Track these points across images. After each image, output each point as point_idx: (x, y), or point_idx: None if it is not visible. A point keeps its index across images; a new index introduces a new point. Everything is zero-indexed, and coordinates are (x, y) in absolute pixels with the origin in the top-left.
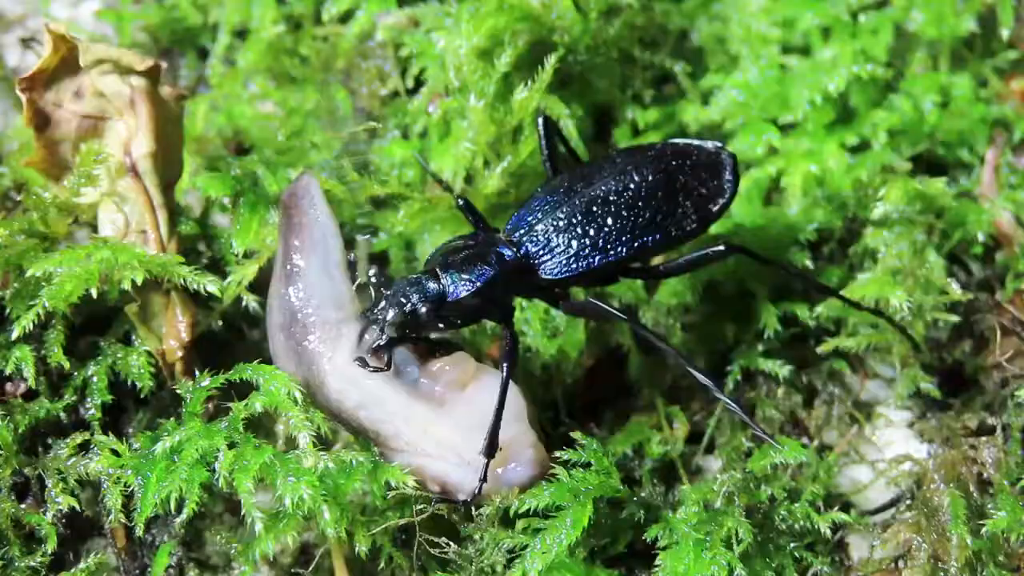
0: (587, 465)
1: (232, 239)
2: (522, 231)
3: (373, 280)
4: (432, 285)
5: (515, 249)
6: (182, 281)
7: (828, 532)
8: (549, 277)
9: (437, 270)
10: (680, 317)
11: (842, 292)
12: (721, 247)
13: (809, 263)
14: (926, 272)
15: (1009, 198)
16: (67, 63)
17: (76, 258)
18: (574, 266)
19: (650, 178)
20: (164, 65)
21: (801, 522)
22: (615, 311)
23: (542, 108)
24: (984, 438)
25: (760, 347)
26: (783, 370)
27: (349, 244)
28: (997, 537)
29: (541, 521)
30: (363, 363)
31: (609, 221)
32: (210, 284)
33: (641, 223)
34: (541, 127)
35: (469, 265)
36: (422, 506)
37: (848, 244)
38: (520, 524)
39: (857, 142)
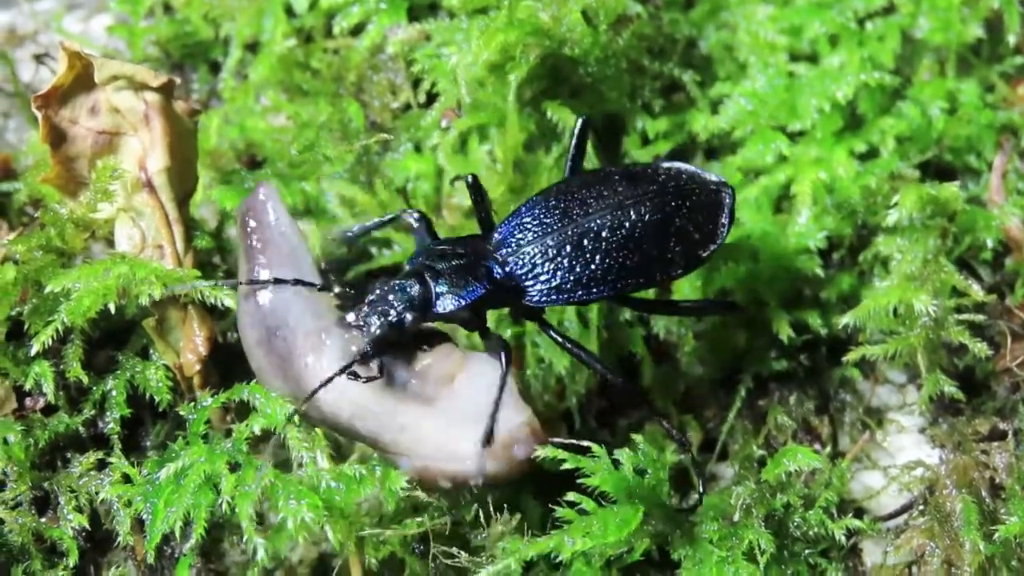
0: (644, 472)
1: None
2: (510, 249)
3: (344, 287)
4: (418, 292)
5: (502, 267)
6: (199, 295)
7: (842, 538)
8: (529, 304)
9: (425, 276)
10: (692, 325)
11: (864, 298)
12: (729, 302)
13: (819, 270)
14: (945, 276)
15: (1017, 203)
16: (82, 80)
17: (94, 273)
18: (555, 298)
19: (646, 218)
20: (178, 81)
21: (816, 529)
22: (599, 367)
23: (585, 116)
24: (996, 443)
25: (772, 354)
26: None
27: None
28: (1010, 542)
29: (592, 505)
30: (355, 375)
31: (597, 259)
32: (227, 298)
33: (629, 265)
34: (578, 128)
35: (460, 278)
36: (439, 520)
37: (858, 251)
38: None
39: (866, 149)
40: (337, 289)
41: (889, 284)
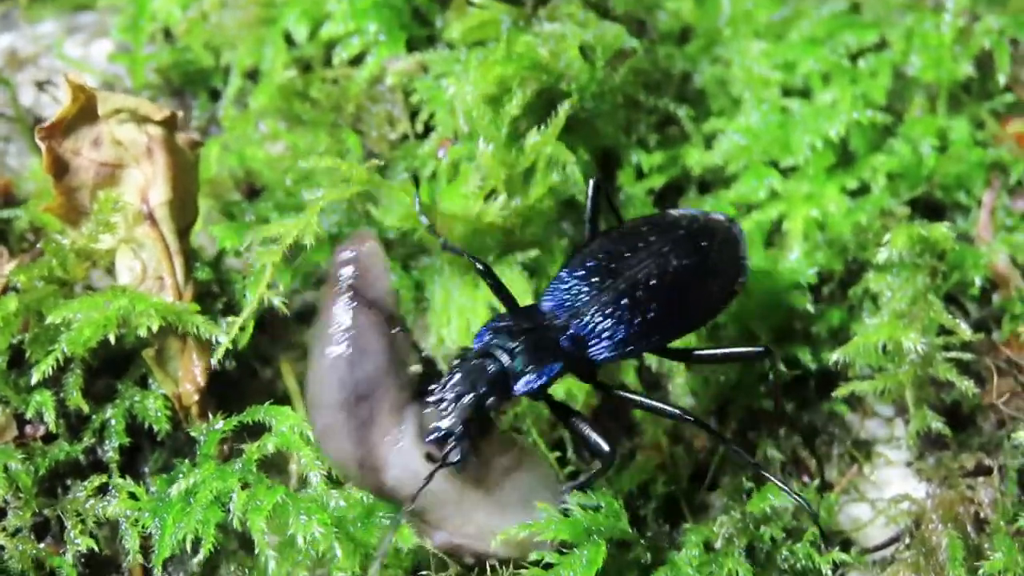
0: (597, 508)
1: (246, 290)
2: (569, 314)
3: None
4: (496, 373)
5: (566, 333)
6: (195, 330)
7: (829, 571)
8: (595, 359)
9: (499, 356)
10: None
11: (854, 335)
12: (760, 349)
13: (810, 306)
14: (933, 315)
15: (1005, 241)
16: (85, 112)
17: (95, 305)
18: (618, 352)
19: (685, 262)
20: (180, 114)
21: (803, 561)
22: (678, 412)
23: (597, 178)
24: (981, 478)
25: (762, 388)
26: (786, 409)
27: None
28: None
29: (556, 556)
30: (432, 460)
31: (653, 307)
32: (221, 336)
33: (679, 308)
34: (591, 190)
35: (535, 356)
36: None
37: (848, 286)
38: (533, 555)
39: (857, 186)
40: (419, 364)
41: (879, 321)
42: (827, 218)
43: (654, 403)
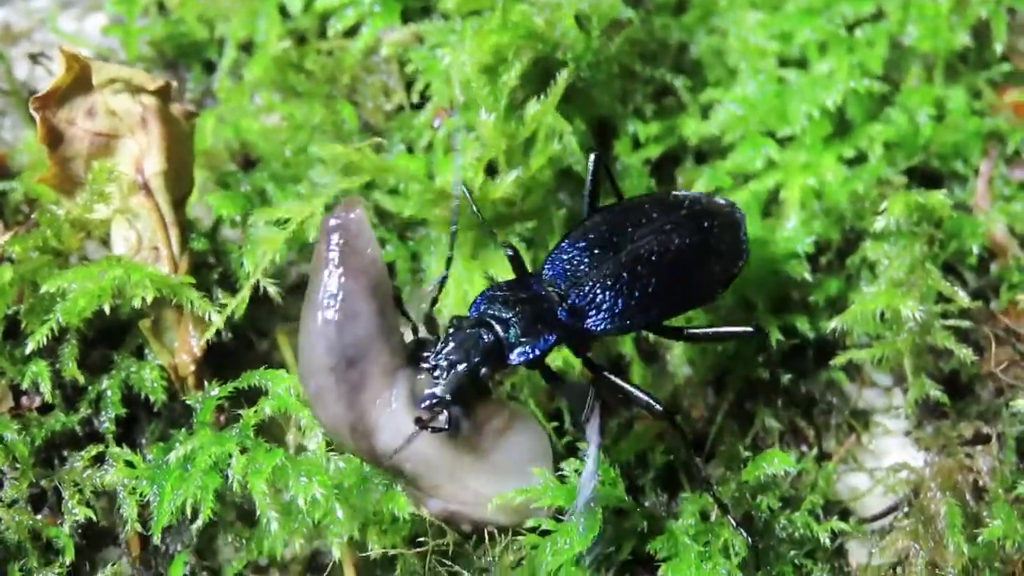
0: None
1: (243, 258)
2: (568, 283)
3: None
4: (490, 343)
5: (565, 304)
6: (190, 305)
7: (827, 540)
8: (593, 331)
9: (494, 325)
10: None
11: (852, 303)
12: (751, 328)
13: (807, 275)
14: (931, 282)
15: (1003, 210)
16: (80, 82)
17: (89, 275)
18: (616, 324)
19: (687, 240)
20: (175, 84)
21: (801, 530)
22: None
23: (598, 153)
24: (979, 447)
25: (760, 357)
26: (783, 378)
27: None
28: (993, 544)
29: (552, 523)
30: (423, 425)
31: (653, 282)
32: (213, 313)
33: (679, 285)
34: (592, 164)
35: (531, 326)
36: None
37: (846, 255)
38: (530, 521)
39: (854, 155)
40: (412, 329)
41: (876, 289)
42: (824, 187)
43: (632, 390)
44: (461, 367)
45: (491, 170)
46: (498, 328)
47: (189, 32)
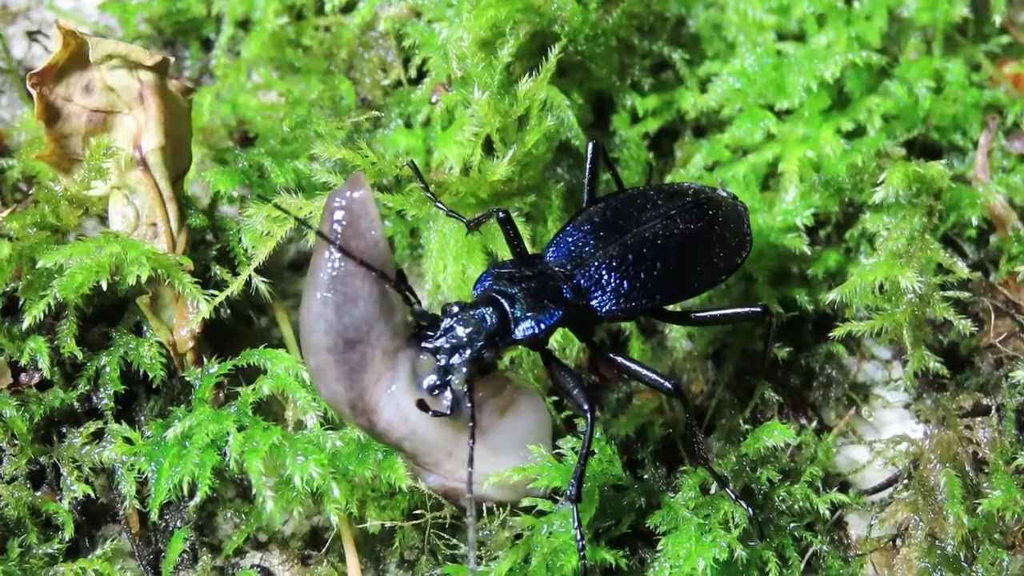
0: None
1: (241, 234)
2: (574, 264)
3: (417, 308)
4: (496, 320)
5: (570, 283)
6: (183, 289)
7: (827, 512)
8: (597, 311)
9: (500, 301)
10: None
11: (850, 275)
12: (758, 308)
13: (806, 247)
14: (930, 253)
15: (1002, 182)
16: (77, 58)
17: (87, 251)
18: (621, 306)
19: (692, 227)
20: (172, 59)
21: (800, 502)
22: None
23: (597, 140)
24: (979, 418)
25: (759, 330)
26: (782, 352)
27: None
28: (992, 515)
29: (548, 504)
30: (424, 407)
31: (658, 266)
32: (202, 302)
33: (684, 271)
34: (590, 151)
35: (537, 302)
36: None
37: (844, 228)
38: (526, 501)
39: (852, 127)
40: (414, 309)
41: (875, 261)
42: (823, 160)
43: (641, 370)
44: (465, 350)
45: (489, 147)
46: (504, 303)
47: (186, 9)
